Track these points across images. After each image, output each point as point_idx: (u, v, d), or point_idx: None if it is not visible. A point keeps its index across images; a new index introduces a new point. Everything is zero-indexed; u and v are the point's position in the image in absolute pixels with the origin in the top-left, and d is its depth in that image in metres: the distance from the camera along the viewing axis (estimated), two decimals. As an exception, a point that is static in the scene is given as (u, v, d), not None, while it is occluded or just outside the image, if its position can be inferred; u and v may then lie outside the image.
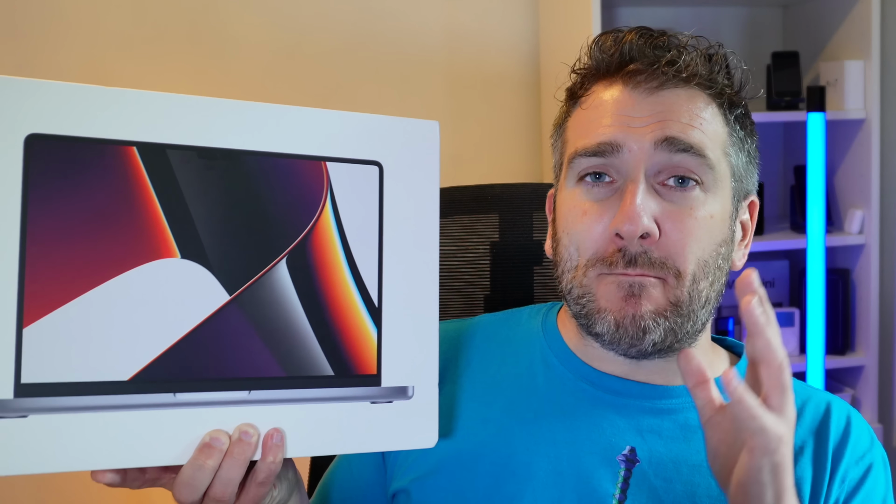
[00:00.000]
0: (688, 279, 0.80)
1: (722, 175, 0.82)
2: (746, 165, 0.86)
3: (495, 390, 0.88)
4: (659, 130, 0.80)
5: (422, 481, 0.85)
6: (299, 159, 0.76)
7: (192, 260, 0.72)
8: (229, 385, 0.73)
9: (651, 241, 0.79)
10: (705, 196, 0.81)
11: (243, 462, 0.72)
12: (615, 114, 0.82)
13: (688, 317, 0.81)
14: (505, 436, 0.85)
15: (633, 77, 0.82)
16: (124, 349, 0.70)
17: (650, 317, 0.79)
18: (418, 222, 0.80)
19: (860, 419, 0.88)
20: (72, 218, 0.69)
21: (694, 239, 0.80)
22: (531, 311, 0.96)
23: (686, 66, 0.82)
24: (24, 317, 0.67)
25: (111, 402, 0.69)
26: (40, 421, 0.68)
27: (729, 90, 0.84)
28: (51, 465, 0.68)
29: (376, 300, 0.78)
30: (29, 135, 0.68)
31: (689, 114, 0.81)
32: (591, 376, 0.86)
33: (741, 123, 0.85)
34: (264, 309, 0.74)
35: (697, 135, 0.81)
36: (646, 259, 0.79)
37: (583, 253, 0.82)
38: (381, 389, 0.78)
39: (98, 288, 0.69)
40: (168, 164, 0.71)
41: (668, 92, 0.82)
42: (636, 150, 0.80)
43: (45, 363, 0.68)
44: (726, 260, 0.84)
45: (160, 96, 0.72)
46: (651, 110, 0.81)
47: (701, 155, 0.80)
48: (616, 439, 0.83)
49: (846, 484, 0.84)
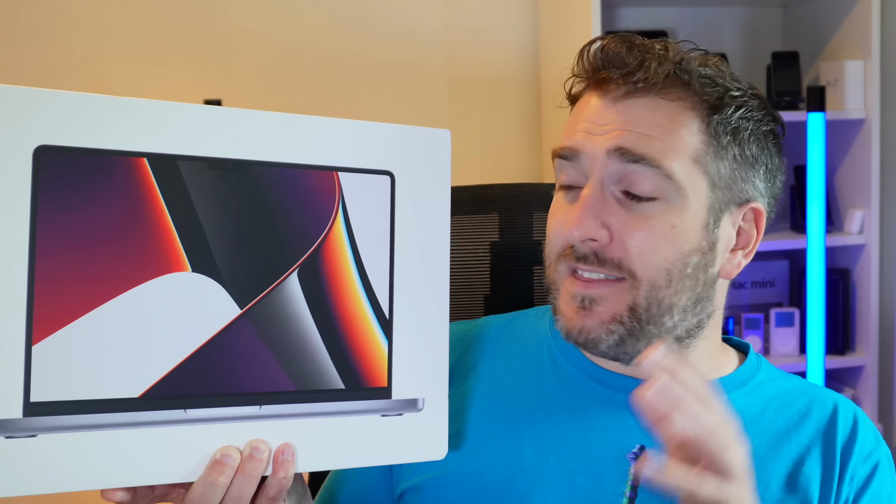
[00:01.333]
0: (645, 284, 0.80)
1: (690, 185, 0.81)
2: (736, 172, 0.84)
3: (504, 390, 0.88)
4: (613, 140, 0.80)
5: (432, 481, 0.85)
6: (311, 169, 0.75)
7: (203, 273, 0.71)
8: (240, 400, 0.72)
9: (599, 244, 0.80)
10: (666, 206, 0.80)
11: (255, 478, 0.71)
12: (584, 120, 0.83)
13: (648, 321, 0.80)
14: (514, 435, 0.85)
15: (602, 84, 0.83)
16: (135, 366, 0.68)
17: (601, 328, 0.80)
18: (429, 233, 0.79)
19: (865, 418, 0.89)
20: (81, 231, 0.67)
21: (649, 247, 0.79)
22: (537, 311, 0.96)
23: (647, 77, 0.81)
24: (33, 334, 0.66)
25: (122, 419, 0.68)
26: (50, 440, 0.66)
27: (708, 97, 0.82)
28: (60, 485, 0.66)
29: (387, 312, 0.77)
30: (38, 146, 0.66)
31: (649, 124, 0.80)
32: (599, 375, 0.86)
33: (728, 129, 0.83)
34: (275, 322, 0.73)
35: (656, 145, 0.80)
36: (594, 258, 0.80)
37: (552, 251, 0.84)
38: (391, 402, 0.77)
39: (108, 303, 0.68)
40: (179, 176, 0.70)
41: (632, 101, 0.81)
42: (592, 157, 0.81)
43: (55, 381, 0.66)
44: (703, 268, 0.82)
45: (170, 106, 0.70)
46: (612, 118, 0.81)
47: (656, 166, 0.79)
48: (626, 437, 0.83)
49: (855, 482, 0.85)
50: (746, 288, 2.36)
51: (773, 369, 0.92)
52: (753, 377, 0.89)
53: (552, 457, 0.83)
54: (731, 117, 0.83)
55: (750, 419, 0.85)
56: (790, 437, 0.85)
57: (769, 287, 2.39)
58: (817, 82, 2.32)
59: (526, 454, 0.84)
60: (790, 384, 0.90)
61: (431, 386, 0.79)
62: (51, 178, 0.67)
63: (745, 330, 2.25)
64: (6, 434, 0.65)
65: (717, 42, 2.43)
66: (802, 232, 2.18)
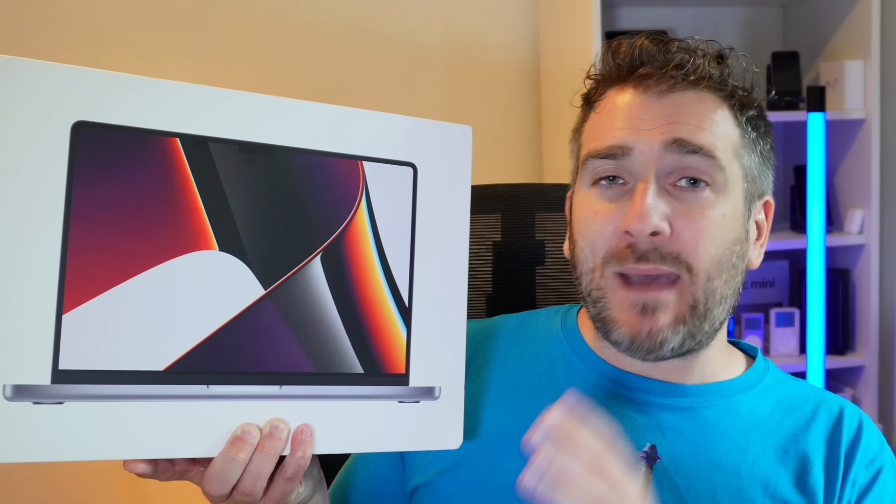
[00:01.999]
0: (702, 276, 0.80)
1: (733, 176, 0.83)
2: (759, 166, 0.87)
3: (516, 387, 0.89)
4: (668, 132, 0.81)
5: (444, 476, 0.86)
6: (337, 157, 0.76)
7: (229, 253, 0.72)
8: (261, 379, 0.73)
9: (662, 238, 0.80)
10: (716, 196, 0.82)
11: (274, 456, 0.72)
12: (626, 117, 0.83)
13: (704, 316, 0.81)
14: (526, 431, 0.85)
15: (643, 81, 0.83)
16: (161, 339, 0.70)
17: (668, 328, 0.80)
18: (450, 224, 0.81)
19: (871, 423, 0.89)
20: (114, 206, 0.69)
21: (706, 237, 0.80)
22: (549, 312, 0.97)
23: (695, 69, 0.82)
24: (64, 303, 0.67)
25: (146, 391, 0.69)
26: (76, 408, 0.67)
27: (740, 92, 0.85)
28: (85, 452, 0.68)
29: (407, 300, 0.78)
30: (76, 122, 0.68)
31: (698, 116, 0.82)
32: (611, 374, 0.87)
33: (753, 125, 0.86)
34: (298, 304, 0.74)
35: (707, 136, 0.81)
36: (657, 254, 0.80)
37: (597, 253, 0.83)
38: (408, 389, 0.78)
39: (137, 277, 0.69)
40: (210, 157, 0.72)
41: (678, 95, 0.82)
42: (646, 152, 0.81)
43: (83, 350, 0.67)
44: (741, 258, 0.85)
45: (205, 89, 0.72)
46: (661, 113, 0.82)
47: (711, 156, 0.81)
48: (636, 436, 0.83)
49: (857, 486, 0.85)
50: (746, 288, 2.36)
51: (780, 373, 0.92)
52: (762, 380, 0.90)
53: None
54: (756, 113, 0.86)
55: (760, 421, 0.86)
56: (797, 440, 0.85)
57: (769, 287, 2.39)
58: (817, 82, 2.32)
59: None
60: (797, 388, 0.91)
61: (448, 375, 0.80)
62: (87, 153, 0.68)
63: (745, 330, 2.25)
64: (34, 399, 0.66)
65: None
66: (802, 232, 2.18)
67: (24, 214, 0.66)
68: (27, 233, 0.66)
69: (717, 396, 0.86)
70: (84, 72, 0.69)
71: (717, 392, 0.87)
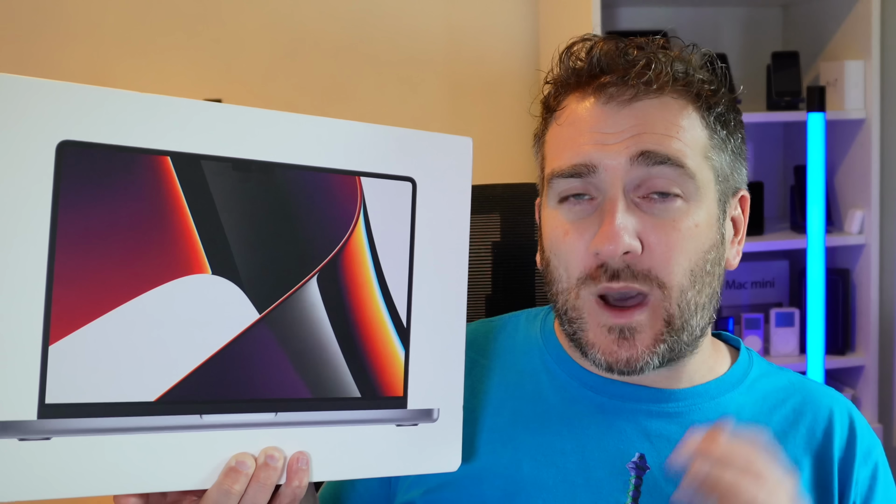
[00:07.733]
0: (675, 291, 0.79)
1: (704, 181, 0.80)
2: (732, 163, 0.84)
3: (500, 400, 0.87)
4: (634, 145, 0.78)
5: (431, 495, 0.84)
6: (334, 173, 0.73)
7: (223, 276, 0.69)
8: (256, 406, 0.70)
9: (633, 256, 0.78)
10: (688, 206, 0.79)
11: (269, 487, 0.70)
12: (589, 131, 0.80)
13: (682, 329, 0.80)
14: (512, 447, 0.84)
15: (604, 90, 0.80)
16: (152, 369, 0.67)
17: (647, 352, 0.79)
18: (449, 241, 0.78)
19: (860, 417, 0.89)
20: (103, 230, 0.66)
21: (678, 250, 0.78)
22: (528, 315, 0.94)
23: (657, 76, 0.79)
24: (50, 334, 0.64)
25: (137, 423, 0.66)
26: (64, 443, 0.65)
27: (706, 90, 0.82)
28: (74, 489, 0.65)
29: (405, 320, 0.76)
30: (61, 141, 0.65)
31: (664, 124, 0.79)
32: (594, 383, 0.85)
33: (722, 122, 0.83)
34: (293, 328, 0.72)
35: (675, 144, 0.79)
36: (629, 273, 0.78)
37: (571, 273, 0.80)
38: (407, 412, 0.76)
39: (127, 304, 0.66)
40: (202, 176, 0.69)
41: (641, 103, 0.79)
42: (613, 167, 0.78)
43: (71, 383, 0.64)
44: (717, 264, 0.82)
45: (195, 104, 0.69)
46: (625, 124, 0.79)
47: (679, 165, 0.78)
48: (624, 445, 0.82)
49: (860, 485, 0.85)
50: (746, 288, 2.36)
51: (764, 363, 0.91)
52: (748, 374, 0.88)
53: (551, 469, 0.82)
54: (723, 110, 0.83)
55: (748, 419, 0.85)
56: (786, 438, 0.85)
57: (769, 287, 2.39)
58: (817, 82, 2.32)
59: (525, 467, 0.83)
60: (782, 380, 0.89)
61: (447, 396, 0.78)
62: (73, 174, 0.65)
63: (745, 330, 2.24)
64: (20, 436, 0.64)
65: (717, 42, 2.43)
66: (802, 232, 2.18)
67: (7, 240, 0.63)
68: (10, 259, 0.63)
69: (704, 399, 0.85)
70: (69, 87, 0.65)
71: (705, 394, 0.85)
